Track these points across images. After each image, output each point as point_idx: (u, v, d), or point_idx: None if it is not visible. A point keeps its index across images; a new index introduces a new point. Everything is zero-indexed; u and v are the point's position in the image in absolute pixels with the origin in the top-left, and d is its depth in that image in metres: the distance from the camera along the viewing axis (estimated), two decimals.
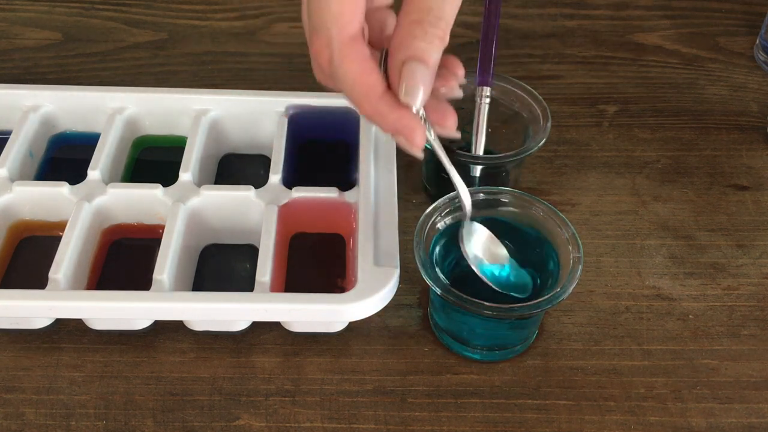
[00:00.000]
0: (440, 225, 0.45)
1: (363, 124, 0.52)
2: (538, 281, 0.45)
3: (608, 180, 0.56)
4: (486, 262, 0.45)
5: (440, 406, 0.43)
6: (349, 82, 0.35)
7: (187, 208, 0.47)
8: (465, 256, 0.44)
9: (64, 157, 0.54)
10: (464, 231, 0.44)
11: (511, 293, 0.44)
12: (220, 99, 0.53)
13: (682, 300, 0.49)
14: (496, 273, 0.45)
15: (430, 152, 0.48)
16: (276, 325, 0.45)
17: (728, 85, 0.64)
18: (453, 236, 0.45)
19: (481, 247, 0.45)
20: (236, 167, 0.55)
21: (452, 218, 0.46)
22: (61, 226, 0.46)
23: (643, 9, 0.73)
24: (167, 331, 0.46)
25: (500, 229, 0.47)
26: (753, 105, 0.62)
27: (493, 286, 0.44)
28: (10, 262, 0.48)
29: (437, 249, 0.45)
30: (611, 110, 0.62)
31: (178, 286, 0.45)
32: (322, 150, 0.56)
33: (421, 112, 0.36)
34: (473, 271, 0.44)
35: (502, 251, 0.45)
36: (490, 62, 0.51)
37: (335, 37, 0.34)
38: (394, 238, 0.45)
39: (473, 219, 0.44)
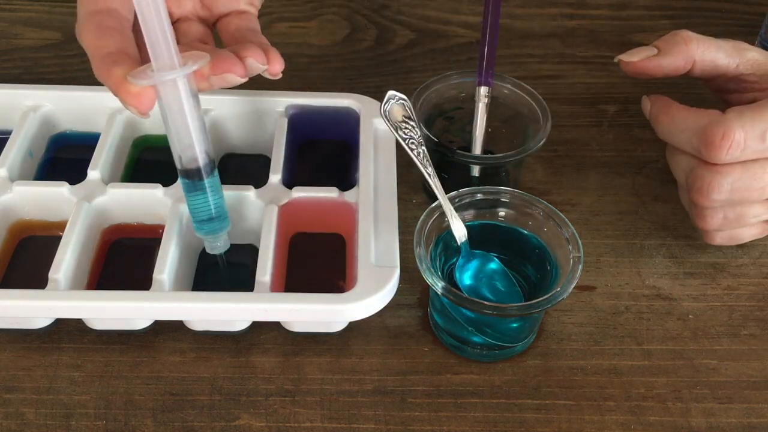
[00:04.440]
0: (440, 225, 0.45)
1: (363, 124, 0.52)
2: (535, 280, 0.45)
3: (608, 180, 0.56)
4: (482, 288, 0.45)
5: (440, 406, 0.43)
6: (85, 46, 0.40)
7: (187, 208, 0.47)
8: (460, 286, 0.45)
9: (64, 157, 0.54)
10: (459, 265, 0.45)
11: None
12: (220, 99, 0.53)
13: (682, 300, 0.49)
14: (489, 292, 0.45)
15: (430, 153, 0.48)
16: (276, 325, 0.45)
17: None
18: (453, 236, 0.45)
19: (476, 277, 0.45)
20: (236, 167, 0.55)
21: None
22: (61, 226, 0.46)
23: (643, 9, 0.73)
24: (167, 331, 0.46)
25: (499, 230, 0.47)
26: None
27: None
28: (10, 262, 0.48)
29: (437, 249, 0.45)
30: (611, 110, 0.62)
31: (178, 286, 0.45)
32: (322, 150, 0.56)
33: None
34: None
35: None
36: (490, 62, 0.51)
37: (79, 13, 0.41)
38: (394, 238, 0.45)
39: (472, 249, 0.45)
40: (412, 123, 0.46)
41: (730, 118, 0.43)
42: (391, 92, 0.47)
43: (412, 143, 0.46)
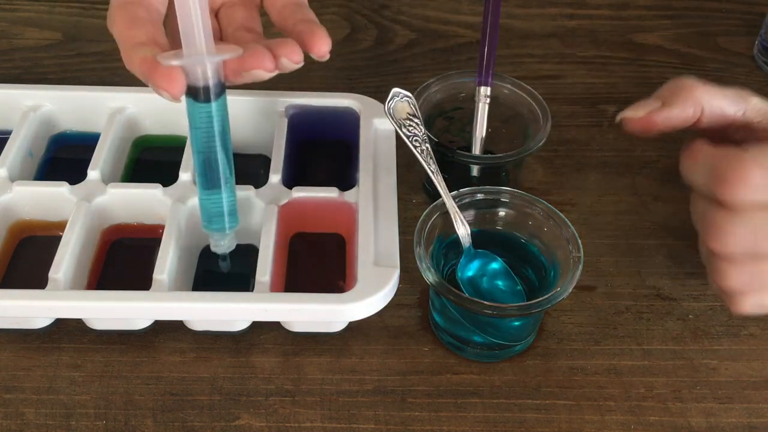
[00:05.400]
0: (440, 225, 0.45)
1: (363, 124, 0.52)
2: (536, 282, 0.45)
3: (608, 180, 0.56)
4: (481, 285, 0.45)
5: (440, 406, 0.43)
6: (116, 36, 0.40)
7: (187, 208, 0.47)
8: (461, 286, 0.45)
9: (64, 157, 0.54)
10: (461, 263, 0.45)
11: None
12: None
13: (682, 300, 0.49)
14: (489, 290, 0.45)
15: (432, 152, 0.48)
16: (276, 325, 0.45)
17: (728, 86, 0.63)
18: (453, 236, 0.45)
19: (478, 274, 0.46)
20: (236, 167, 0.55)
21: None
22: (61, 226, 0.46)
23: (643, 9, 0.73)
24: (167, 331, 0.46)
25: (499, 232, 0.47)
26: None
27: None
28: (10, 262, 0.48)
29: (438, 249, 0.45)
30: (611, 110, 0.62)
31: (178, 286, 0.45)
32: (322, 150, 0.56)
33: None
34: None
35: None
36: (490, 62, 0.51)
37: (111, 1, 0.41)
38: (394, 238, 0.45)
39: (475, 248, 0.45)
40: (416, 120, 0.46)
41: (748, 152, 0.37)
42: (395, 89, 0.47)
43: (416, 140, 0.46)
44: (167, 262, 0.43)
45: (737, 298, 0.40)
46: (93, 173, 0.49)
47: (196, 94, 0.39)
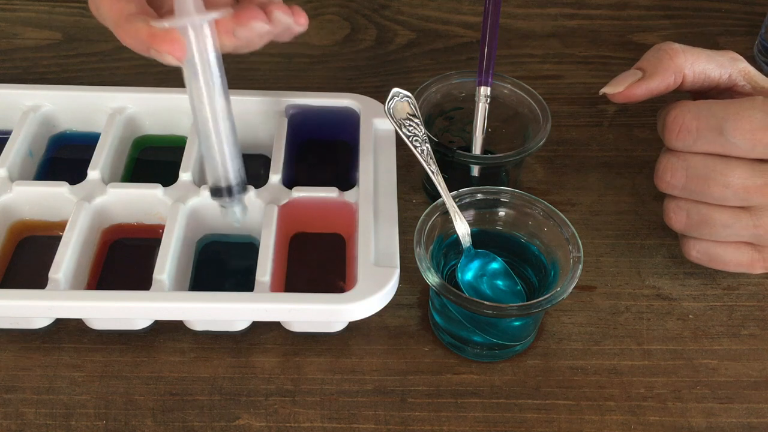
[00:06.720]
0: (440, 225, 0.45)
1: (363, 124, 0.52)
2: (536, 282, 0.45)
3: (608, 180, 0.56)
4: (482, 286, 0.45)
5: (440, 406, 0.43)
6: (104, 15, 0.40)
7: (187, 208, 0.47)
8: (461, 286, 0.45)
9: (64, 157, 0.54)
10: (461, 264, 0.45)
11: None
12: None
13: (682, 300, 0.49)
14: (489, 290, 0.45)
15: (432, 152, 0.48)
16: (276, 325, 0.45)
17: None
18: (454, 236, 0.45)
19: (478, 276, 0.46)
20: None
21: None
22: (61, 226, 0.46)
23: (643, 9, 0.73)
24: (167, 331, 0.46)
25: (499, 232, 0.47)
26: None
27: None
28: (10, 262, 0.48)
29: (438, 249, 0.45)
30: (611, 110, 0.62)
31: (178, 286, 0.45)
32: (322, 150, 0.56)
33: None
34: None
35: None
36: (490, 62, 0.51)
37: None
38: (394, 238, 0.45)
39: (475, 248, 0.45)
40: (416, 120, 0.46)
41: (688, 103, 0.41)
42: (395, 89, 0.47)
43: (416, 140, 0.46)
44: (167, 262, 0.43)
45: (684, 242, 0.45)
46: (93, 173, 0.49)
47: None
